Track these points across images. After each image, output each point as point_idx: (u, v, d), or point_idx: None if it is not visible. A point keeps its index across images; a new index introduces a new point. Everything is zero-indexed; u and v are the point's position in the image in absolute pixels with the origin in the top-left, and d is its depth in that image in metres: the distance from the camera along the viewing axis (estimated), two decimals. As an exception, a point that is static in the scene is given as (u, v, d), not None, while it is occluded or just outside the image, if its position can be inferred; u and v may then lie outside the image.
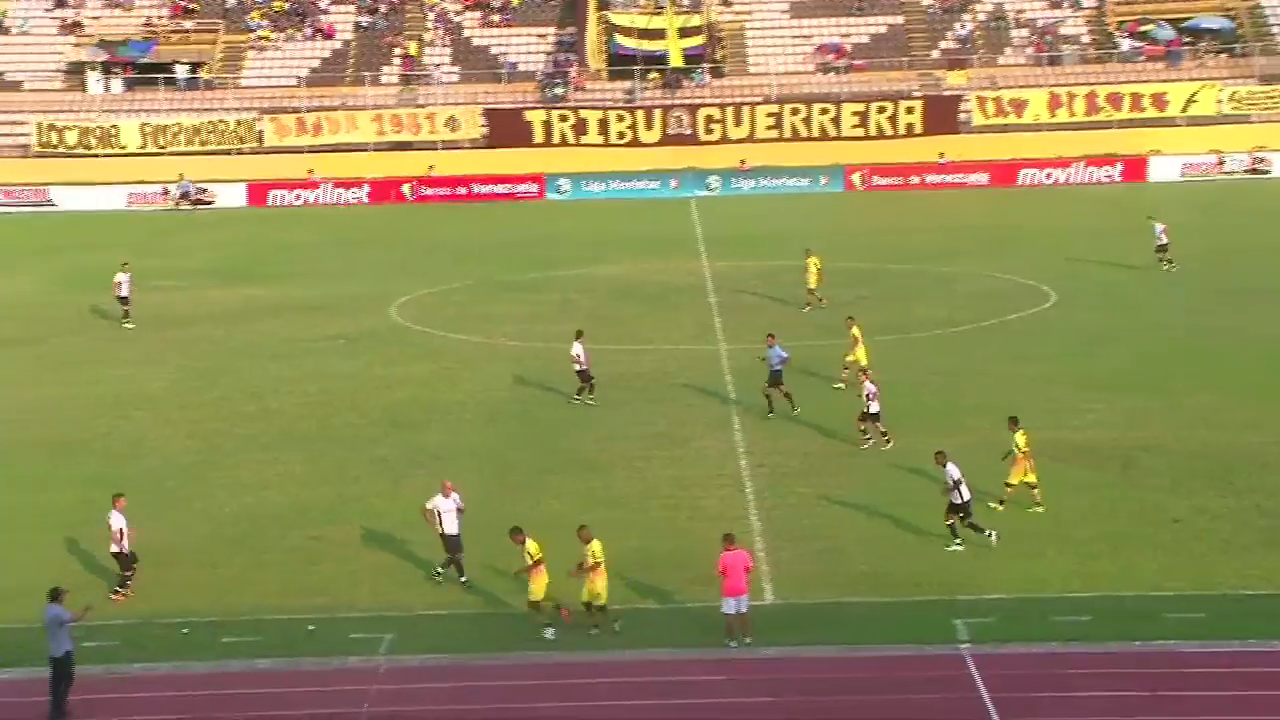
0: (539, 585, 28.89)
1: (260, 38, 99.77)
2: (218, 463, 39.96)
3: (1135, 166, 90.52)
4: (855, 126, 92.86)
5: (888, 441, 39.75)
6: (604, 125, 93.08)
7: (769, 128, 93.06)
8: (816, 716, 25.81)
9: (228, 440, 41.99)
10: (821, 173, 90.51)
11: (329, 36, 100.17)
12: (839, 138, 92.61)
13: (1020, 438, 34.96)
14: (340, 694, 26.80)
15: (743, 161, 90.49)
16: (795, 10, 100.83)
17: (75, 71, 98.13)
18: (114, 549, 31.36)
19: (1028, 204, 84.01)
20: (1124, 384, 45.30)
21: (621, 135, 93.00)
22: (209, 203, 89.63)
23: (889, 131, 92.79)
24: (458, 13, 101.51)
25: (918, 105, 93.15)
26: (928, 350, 50.70)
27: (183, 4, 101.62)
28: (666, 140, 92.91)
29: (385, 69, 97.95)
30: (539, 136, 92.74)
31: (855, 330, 46.14)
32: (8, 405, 46.24)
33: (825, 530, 34.10)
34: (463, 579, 31.56)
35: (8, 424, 44.14)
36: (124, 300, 57.00)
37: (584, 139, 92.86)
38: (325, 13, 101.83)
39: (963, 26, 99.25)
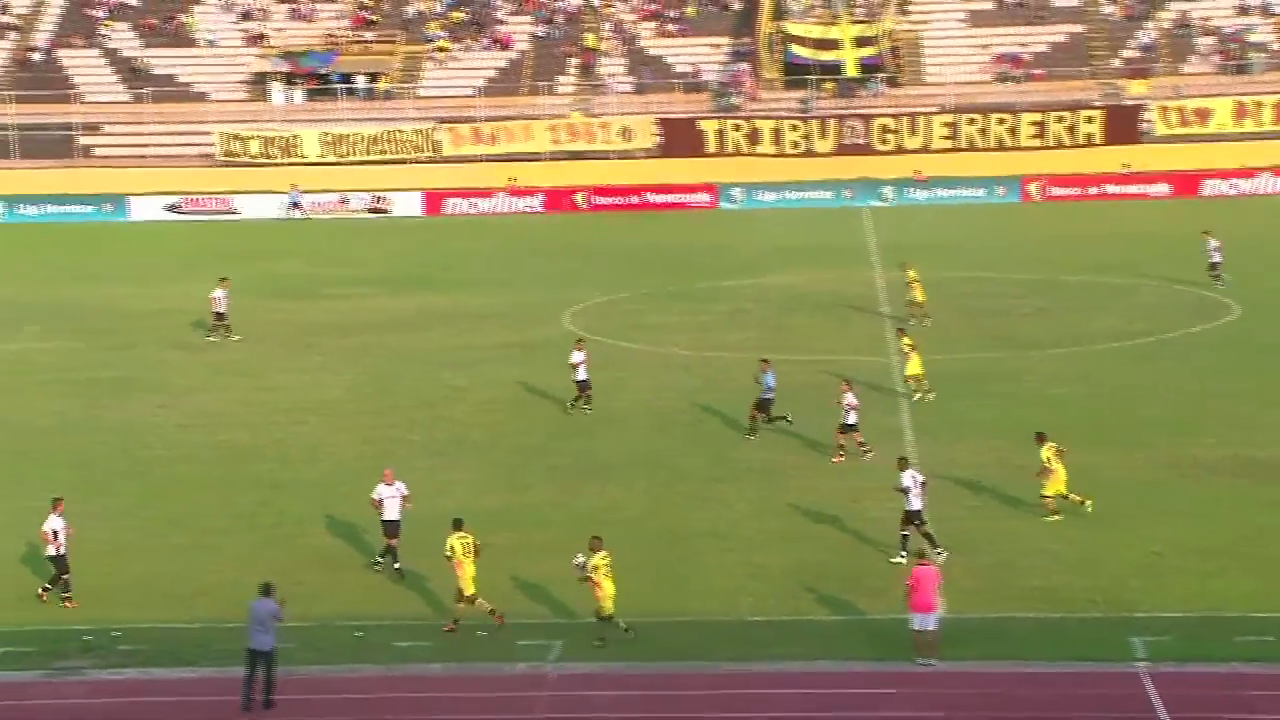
0: (604, 596, 28.91)
1: (438, 48, 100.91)
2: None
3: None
4: (1033, 136, 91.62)
5: (866, 453, 39.38)
6: (778, 135, 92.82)
7: (945, 137, 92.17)
8: (988, 734, 25.47)
9: (400, 447, 42.41)
10: (998, 183, 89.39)
11: (506, 46, 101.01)
12: (1016, 148, 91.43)
13: (1045, 452, 34.87)
14: (510, 700, 26.92)
15: (918, 171, 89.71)
16: (973, 19, 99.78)
17: (259, 82, 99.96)
18: (50, 552, 31.60)
19: (1211, 215, 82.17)
20: (1310, 400, 44.19)
21: (795, 145, 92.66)
22: (385, 211, 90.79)
23: (1067, 141, 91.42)
24: (634, 23, 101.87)
25: (1098, 115, 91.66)
26: (1106, 363, 49.84)
27: (364, 15, 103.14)
28: (840, 150, 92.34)
29: (561, 78, 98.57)
30: (712, 146, 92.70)
31: (906, 341, 45.95)
32: (187, 409, 47.14)
33: (996, 544, 33.65)
34: (396, 565, 32.58)
35: (186, 428, 45.00)
36: (220, 316, 56.49)
37: (758, 148, 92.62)
38: (502, 23, 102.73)
39: (1145, 35, 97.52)
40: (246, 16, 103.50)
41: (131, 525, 36.36)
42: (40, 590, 31.80)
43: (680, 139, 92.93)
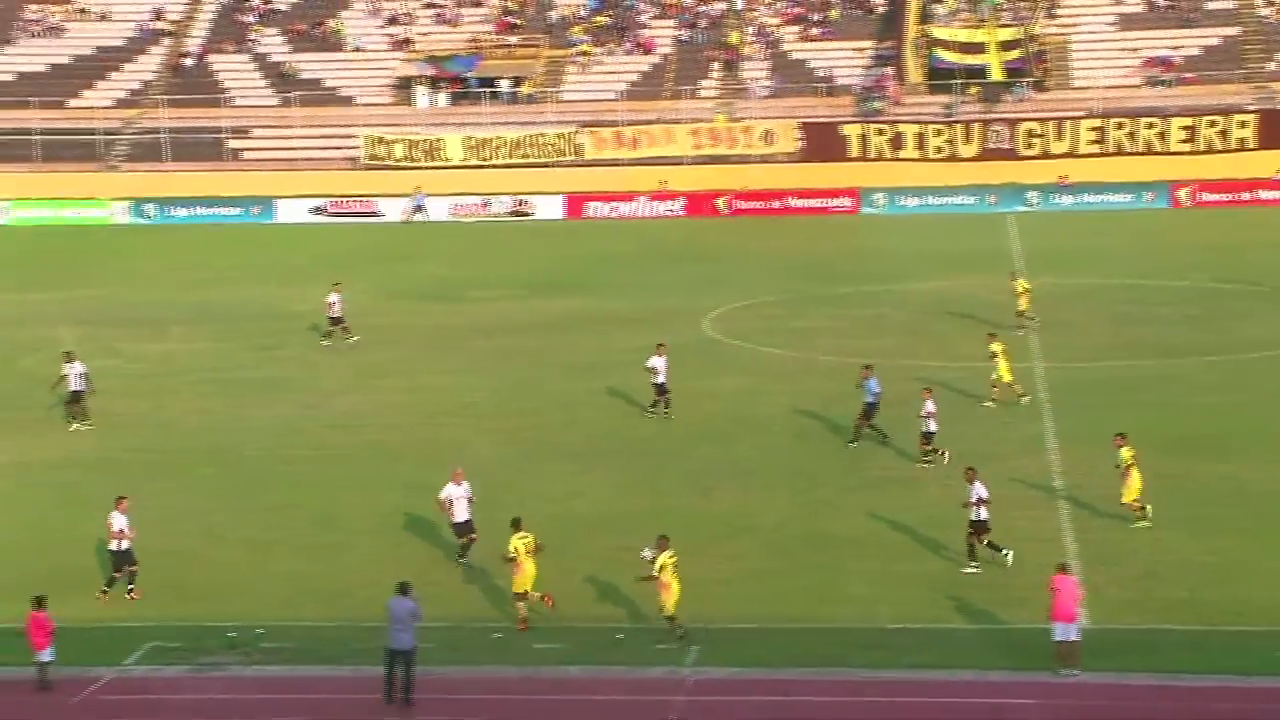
0: (668, 599, 29.07)
1: (581, 52, 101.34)
2: (529, 471, 40.56)
3: None
4: (1183, 141, 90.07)
5: (941, 458, 39.23)
6: (921, 139, 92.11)
7: (1092, 142, 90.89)
8: (1131, 748, 25.09)
9: (540, 449, 42.62)
10: (1146, 189, 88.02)
11: (648, 51, 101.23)
12: (1166, 153, 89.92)
13: (1125, 453, 34.75)
14: (646, 704, 26.93)
15: (1064, 177, 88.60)
16: (1123, 22, 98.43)
17: (403, 86, 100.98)
18: (113, 546, 32.31)
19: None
20: None
21: (939, 150, 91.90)
22: (527, 214, 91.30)
23: (1219, 146, 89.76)
24: (777, 26, 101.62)
25: (1251, 119, 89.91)
26: (1257, 372, 48.93)
27: (508, 20, 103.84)
28: (985, 155, 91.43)
29: (703, 82, 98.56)
30: (855, 150, 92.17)
31: (995, 346, 45.47)
32: (333, 410, 47.70)
33: (1142, 554, 33.16)
34: (462, 559, 33.38)
35: (332, 428, 45.52)
36: (336, 320, 56.74)
37: (900, 153, 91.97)
38: (645, 27, 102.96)
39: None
40: (393, 21, 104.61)
41: (277, 524, 36.86)
42: (100, 592, 32.30)
43: (822, 143, 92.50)
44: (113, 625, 30.77)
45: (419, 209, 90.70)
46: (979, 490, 32.69)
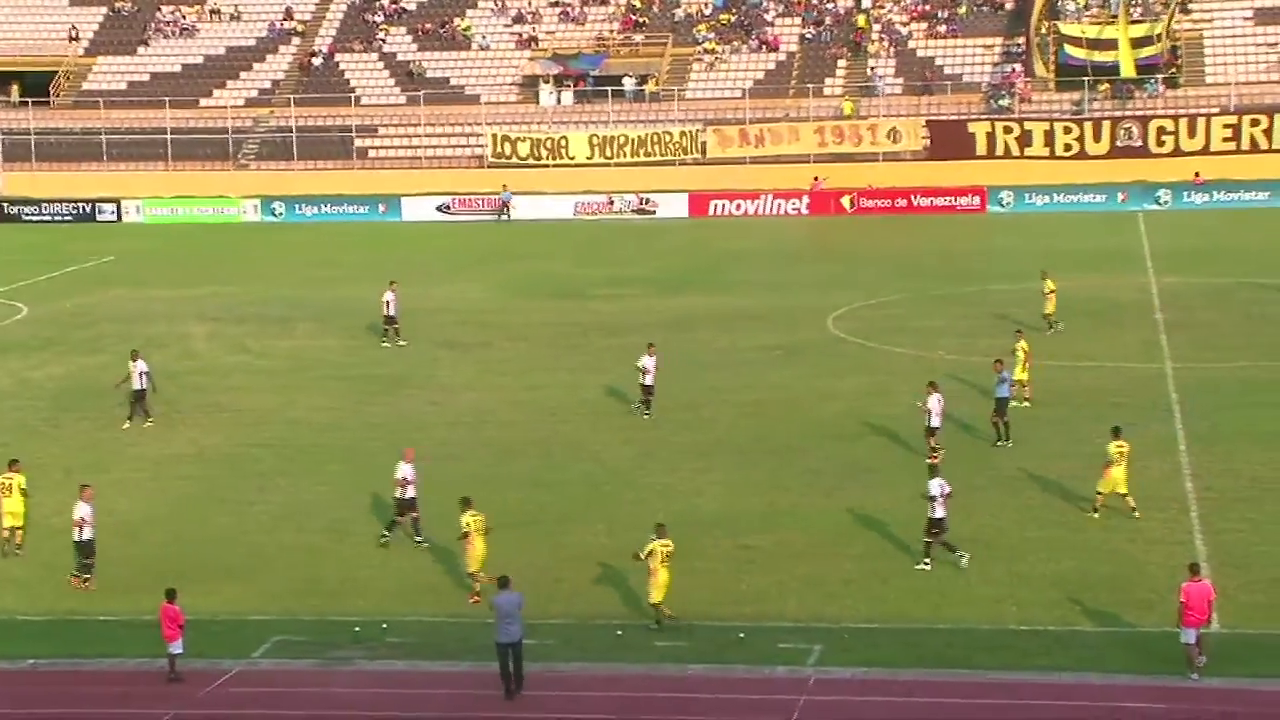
0: (654, 586, 29.75)
1: (706, 50, 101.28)
2: (651, 468, 40.57)
3: None
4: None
5: (933, 457, 38.50)
6: (1049, 137, 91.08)
7: (1226, 139, 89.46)
8: (1262, 755, 24.64)
9: (662, 447, 42.59)
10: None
11: (774, 49, 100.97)
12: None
13: (1111, 447, 35.06)
14: (768, 703, 26.83)
15: (1198, 174, 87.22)
16: (1260, 17, 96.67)
17: (529, 85, 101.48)
18: (76, 537, 33.04)
19: None
20: None
21: (1068, 147, 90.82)
22: (651, 212, 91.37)
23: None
24: (904, 24, 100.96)
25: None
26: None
27: (633, 18, 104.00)
28: (1115, 153, 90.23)
29: (829, 80, 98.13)
30: (982, 148, 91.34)
31: (1022, 346, 45.52)
32: (456, 407, 47.97)
33: (1275, 558, 32.53)
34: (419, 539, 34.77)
35: (454, 425, 45.76)
36: (391, 320, 56.71)
37: (1028, 151, 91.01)
38: (771, 25, 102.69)
39: None
40: (519, 19, 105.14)
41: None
42: (71, 577, 33.13)
43: (949, 141, 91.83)
44: (241, 618, 31.14)
45: (505, 206, 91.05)
46: (932, 488, 32.59)
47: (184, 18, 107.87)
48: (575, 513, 37.10)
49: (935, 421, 40.17)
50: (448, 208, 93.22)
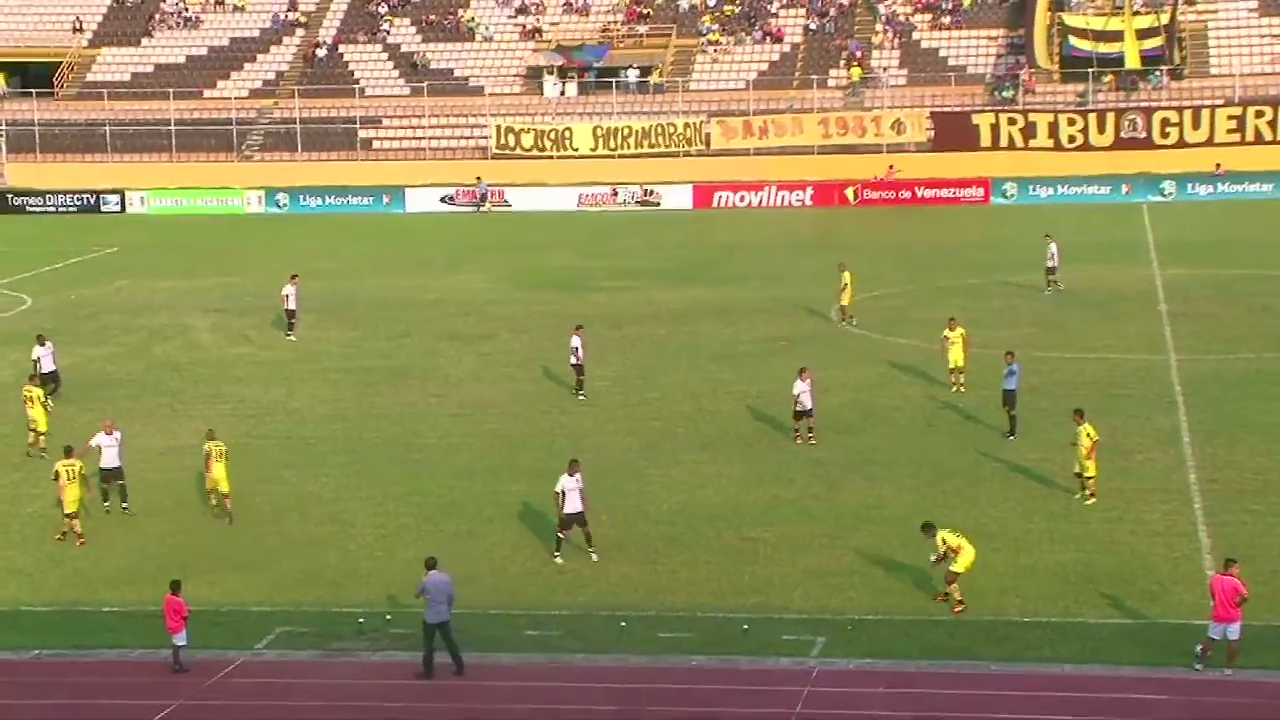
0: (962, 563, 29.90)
1: (710, 41, 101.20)
2: (655, 460, 40.55)
3: None
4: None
5: (809, 439, 40.61)
6: (1054, 128, 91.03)
7: (1230, 131, 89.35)
8: (1266, 747, 24.63)
9: (665, 439, 42.58)
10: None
11: (778, 40, 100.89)
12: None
13: (1081, 430, 35.43)
14: (772, 694, 26.82)
15: (1219, 165, 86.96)
16: (1265, 8, 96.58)
17: (533, 76, 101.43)
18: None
19: None
20: None
21: (1072, 139, 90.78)
22: (655, 204, 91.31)
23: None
24: (908, 15, 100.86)
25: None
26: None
27: (637, 9, 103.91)
28: (1119, 144, 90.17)
29: (833, 72, 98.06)
30: (986, 140, 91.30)
31: (959, 331, 46.22)
32: (459, 398, 47.95)
33: (1278, 549, 32.48)
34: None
35: (456, 417, 45.75)
36: (291, 314, 56.73)
37: (1033, 142, 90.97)
38: (775, 16, 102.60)
39: None
40: (523, 11, 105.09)
41: (403, 511, 37.11)
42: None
43: (953, 133, 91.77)
44: (245, 610, 31.16)
45: (483, 199, 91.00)
46: (568, 482, 33.25)
47: (188, 9, 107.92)
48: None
49: (806, 404, 41.15)
50: (452, 199, 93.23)
